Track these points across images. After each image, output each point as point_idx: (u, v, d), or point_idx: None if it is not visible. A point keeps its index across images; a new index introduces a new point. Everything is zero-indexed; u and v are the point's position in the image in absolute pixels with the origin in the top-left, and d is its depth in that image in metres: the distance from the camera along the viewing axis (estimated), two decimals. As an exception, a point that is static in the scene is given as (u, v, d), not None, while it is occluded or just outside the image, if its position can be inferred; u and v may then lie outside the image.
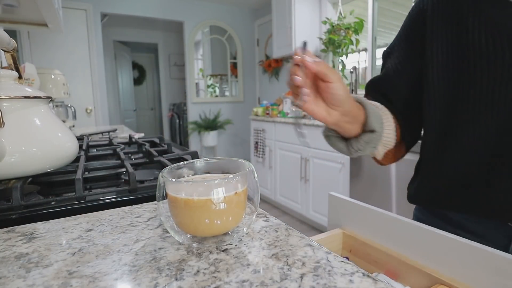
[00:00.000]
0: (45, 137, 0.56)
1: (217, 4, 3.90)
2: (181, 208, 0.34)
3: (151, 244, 0.35)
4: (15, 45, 0.63)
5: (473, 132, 0.49)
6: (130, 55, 5.59)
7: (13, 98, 0.53)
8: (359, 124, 0.50)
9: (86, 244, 0.36)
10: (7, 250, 0.35)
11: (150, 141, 1.00)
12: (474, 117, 0.49)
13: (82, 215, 0.45)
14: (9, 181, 0.55)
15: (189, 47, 3.85)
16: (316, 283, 0.28)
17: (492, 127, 0.47)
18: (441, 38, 0.51)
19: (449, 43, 0.50)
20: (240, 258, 0.32)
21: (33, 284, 0.28)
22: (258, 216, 0.44)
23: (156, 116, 6.41)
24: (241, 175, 0.35)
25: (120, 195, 0.53)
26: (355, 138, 0.52)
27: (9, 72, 0.57)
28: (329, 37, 2.79)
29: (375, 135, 0.51)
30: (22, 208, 0.46)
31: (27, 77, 1.49)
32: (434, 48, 0.52)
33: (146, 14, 3.54)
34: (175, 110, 5.23)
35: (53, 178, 0.62)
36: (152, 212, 0.46)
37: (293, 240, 0.36)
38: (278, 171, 2.94)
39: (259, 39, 4.12)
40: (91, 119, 3.25)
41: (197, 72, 4.07)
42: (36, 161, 0.53)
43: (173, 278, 0.29)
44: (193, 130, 4.03)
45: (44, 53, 2.94)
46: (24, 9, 1.41)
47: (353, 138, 0.52)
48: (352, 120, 0.48)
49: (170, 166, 0.38)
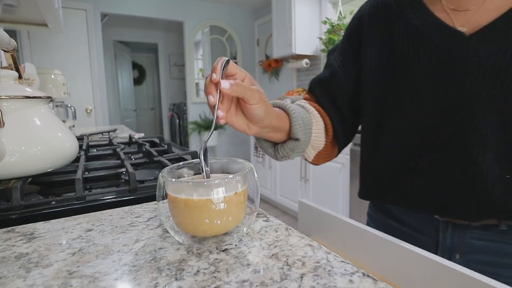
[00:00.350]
0: (45, 137, 0.56)
1: (217, 4, 3.90)
2: (181, 208, 0.34)
3: (151, 244, 0.35)
4: (15, 45, 0.63)
5: (398, 127, 0.53)
6: (130, 55, 5.59)
7: (13, 98, 0.53)
8: (283, 132, 0.52)
9: (86, 244, 0.36)
10: (7, 250, 0.35)
11: (150, 141, 1.00)
12: (399, 114, 0.53)
13: (82, 215, 0.45)
14: (9, 181, 0.55)
15: (189, 47, 3.85)
16: (316, 283, 0.28)
17: (415, 123, 0.51)
18: (373, 42, 0.56)
19: (379, 46, 0.55)
20: (240, 258, 0.32)
21: (33, 284, 0.28)
22: (258, 216, 0.44)
23: (156, 116, 6.41)
24: (241, 175, 0.35)
25: (120, 195, 0.53)
26: (281, 144, 0.54)
27: (9, 72, 0.57)
28: (329, 37, 2.79)
29: (299, 143, 0.53)
30: (22, 208, 0.46)
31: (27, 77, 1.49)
32: (368, 50, 0.57)
33: (146, 14, 3.54)
34: (175, 110, 5.22)
35: (53, 178, 0.62)
36: (152, 212, 0.46)
37: (293, 240, 0.36)
38: (278, 171, 2.94)
39: (259, 39, 4.12)
40: (91, 119, 3.25)
41: (197, 72, 4.07)
42: (36, 161, 0.53)
43: (173, 278, 0.29)
44: (193, 130, 4.03)
45: (44, 53, 2.94)
46: (24, 9, 1.41)
47: (280, 144, 0.54)
48: (274, 131, 0.50)
49: (170, 166, 0.38)
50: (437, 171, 0.50)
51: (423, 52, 0.49)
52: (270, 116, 0.45)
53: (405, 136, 0.53)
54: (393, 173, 0.56)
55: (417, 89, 0.50)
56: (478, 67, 0.44)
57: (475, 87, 0.44)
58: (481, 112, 0.44)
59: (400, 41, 0.52)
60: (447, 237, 0.53)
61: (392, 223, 0.61)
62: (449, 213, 0.51)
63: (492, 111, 0.44)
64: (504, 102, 0.43)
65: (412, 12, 0.51)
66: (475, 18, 0.46)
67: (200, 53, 4.17)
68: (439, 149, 0.49)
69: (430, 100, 0.49)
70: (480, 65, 0.44)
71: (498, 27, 0.43)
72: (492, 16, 0.44)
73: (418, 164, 0.52)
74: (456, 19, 0.47)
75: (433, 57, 0.48)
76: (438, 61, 0.47)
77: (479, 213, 0.49)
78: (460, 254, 0.53)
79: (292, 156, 0.55)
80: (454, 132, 0.47)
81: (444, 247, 0.54)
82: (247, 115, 0.43)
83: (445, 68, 0.47)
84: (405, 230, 0.59)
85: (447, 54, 0.47)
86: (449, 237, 0.53)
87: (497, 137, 0.44)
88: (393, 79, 0.53)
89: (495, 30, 0.43)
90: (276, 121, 0.48)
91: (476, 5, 0.46)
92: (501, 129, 0.44)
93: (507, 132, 0.44)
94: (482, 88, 0.44)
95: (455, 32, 0.46)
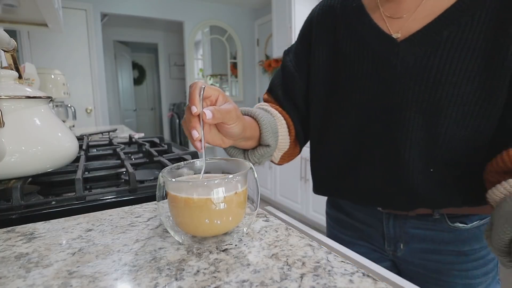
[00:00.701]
0: (45, 137, 0.56)
1: (217, 4, 3.90)
2: (181, 207, 0.34)
3: (151, 244, 0.35)
4: (15, 45, 0.63)
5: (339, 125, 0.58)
6: (130, 55, 5.58)
7: (13, 98, 0.53)
8: (254, 140, 0.54)
9: (86, 244, 0.36)
10: (7, 250, 0.35)
11: (150, 141, 1.00)
12: (340, 113, 0.57)
13: (82, 215, 0.45)
14: (9, 181, 0.55)
15: (189, 47, 3.85)
16: (316, 283, 0.28)
17: (353, 122, 0.55)
18: (321, 44, 0.60)
19: (326, 48, 0.59)
20: (240, 258, 0.32)
21: (33, 284, 0.28)
22: (258, 216, 0.44)
23: (156, 116, 6.41)
24: (241, 175, 0.35)
25: (120, 195, 0.53)
26: (251, 150, 0.56)
27: (9, 72, 0.57)
28: (329, 37, 2.79)
29: (270, 148, 0.55)
30: (22, 208, 0.46)
31: (27, 77, 1.49)
32: (316, 52, 0.60)
33: (146, 14, 3.53)
34: (175, 110, 5.22)
35: (53, 178, 0.62)
36: (152, 212, 0.46)
37: (293, 240, 0.36)
38: (278, 171, 2.93)
39: (259, 39, 4.12)
40: (91, 119, 3.24)
41: (197, 72, 4.07)
42: (36, 161, 0.53)
43: (173, 278, 0.29)
44: (193, 130, 4.02)
45: (44, 53, 2.94)
46: (24, 9, 1.41)
47: (250, 150, 0.56)
48: (246, 140, 0.52)
49: (170, 166, 0.38)
50: (373, 166, 0.54)
51: (362, 56, 0.53)
52: (245, 129, 0.46)
53: (345, 133, 0.57)
54: (337, 169, 0.60)
55: (356, 90, 0.54)
56: (405, 70, 0.48)
57: (403, 89, 0.49)
58: (407, 111, 0.49)
59: (344, 44, 0.56)
60: (390, 227, 0.59)
61: (344, 218, 0.66)
62: (387, 204, 0.56)
63: (417, 110, 0.48)
64: (427, 103, 0.47)
65: (355, 18, 0.55)
66: (407, 25, 0.50)
67: (200, 53, 4.17)
68: (374, 145, 0.53)
69: (366, 101, 0.53)
70: (407, 69, 0.48)
71: (423, 34, 0.47)
72: (421, 24, 0.48)
73: (358, 160, 0.56)
74: (391, 26, 0.51)
75: (370, 61, 0.52)
76: (374, 65, 0.52)
77: (410, 203, 0.53)
78: (403, 243, 0.58)
79: (263, 162, 0.58)
80: (385, 130, 0.51)
81: (389, 238, 0.59)
82: (223, 133, 0.44)
83: (379, 71, 0.51)
84: (355, 224, 0.64)
85: (381, 58, 0.51)
86: (391, 228, 0.58)
87: (421, 134, 0.48)
88: (336, 80, 0.57)
89: (421, 37, 0.48)
90: (249, 131, 0.50)
91: (408, 14, 0.50)
92: (424, 127, 0.48)
93: (429, 129, 0.48)
94: (408, 90, 0.48)
95: (388, 38, 0.50)
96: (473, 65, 0.45)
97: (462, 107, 0.46)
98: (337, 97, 0.57)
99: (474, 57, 0.45)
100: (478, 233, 0.55)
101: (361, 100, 0.53)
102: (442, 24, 0.46)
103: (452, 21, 0.46)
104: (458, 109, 0.46)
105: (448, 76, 0.46)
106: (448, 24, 0.46)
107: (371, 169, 0.55)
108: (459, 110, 0.46)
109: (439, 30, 0.46)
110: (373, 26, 0.53)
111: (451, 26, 0.46)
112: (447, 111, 0.46)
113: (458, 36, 0.45)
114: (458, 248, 0.55)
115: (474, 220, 0.54)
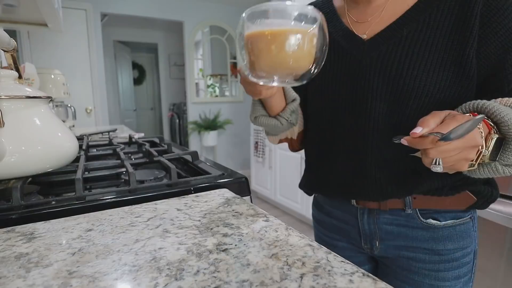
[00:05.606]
0: (45, 137, 0.56)
1: (217, 4, 3.90)
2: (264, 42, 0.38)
3: (151, 244, 0.35)
4: (15, 45, 0.63)
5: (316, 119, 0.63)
6: (130, 55, 5.58)
7: (13, 98, 0.53)
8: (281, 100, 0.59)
9: (86, 244, 0.36)
10: (7, 250, 0.35)
11: (150, 141, 1.00)
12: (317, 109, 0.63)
13: (82, 215, 0.45)
14: (9, 181, 0.55)
15: (189, 47, 3.85)
16: (316, 283, 0.28)
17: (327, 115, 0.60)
18: None
19: None
20: (240, 258, 0.32)
21: (33, 284, 0.28)
22: (258, 216, 0.44)
23: (156, 116, 6.41)
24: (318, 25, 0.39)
25: (120, 195, 0.53)
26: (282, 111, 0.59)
27: (9, 72, 0.57)
28: (329, 37, 2.79)
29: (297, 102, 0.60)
30: (22, 208, 0.46)
31: (27, 77, 1.48)
32: None
33: (146, 14, 3.53)
34: (175, 110, 5.22)
35: (53, 178, 0.62)
36: (152, 212, 0.46)
37: (293, 240, 0.36)
38: (278, 171, 2.93)
39: (259, 39, 4.11)
40: (91, 119, 3.24)
41: (197, 72, 4.07)
42: (36, 161, 0.53)
43: (173, 278, 0.29)
44: (193, 130, 4.03)
45: (44, 53, 2.94)
46: (24, 9, 1.41)
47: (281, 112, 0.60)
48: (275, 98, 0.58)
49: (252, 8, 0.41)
50: (344, 158, 0.59)
51: (333, 54, 0.59)
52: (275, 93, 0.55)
53: (321, 127, 0.62)
54: (315, 163, 0.65)
55: (329, 86, 0.59)
56: (370, 65, 0.54)
57: (369, 82, 0.54)
58: (373, 101, 0.54)
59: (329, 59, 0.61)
60: (364, 223, 0.61)
61: (325, 218, 0.69)
62: (359, 195, 0.59)
63: (381, 100, 0.53)
64: (390, 94, 0.52)
65: (328, 21, 0.60)
66: (372, 28, 0.56)
67: (200, 53, 4.16)
68: (346, 136, 0.58)
69: (338, 95, 0.58)
70: (371, 64, 0.54)
71: (386, 33, 0.53)
72: (384, 25, 0.54)
73: (331, 153, 0.61)
74: (357, 29, 0.58)
75: (341, 59, 0.58)
76: (344, 62, 0.58)
77: (380, 194, 0.56)
78: (378, 240, 0.60)
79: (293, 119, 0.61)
80: (355, 121, 0.56)
81: (365, 235, 0.62)
82: None
83: (349, 67, 0.57)
84: (335, 223, 0.67)
85: (350, 56, 0.57)
86: (366, 224, 0.61)
87: (385, 122, 0.53)
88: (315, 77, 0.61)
89: (384, 35, 0.53)
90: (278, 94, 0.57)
91: (372, 18, 0.56)
92: (388, 115, 0.53)
93: (392, 118, 0.53)
94: (373, 83, 0.53)
95: (356, 37, 0.57)
96: (432, 59, 0.49)
97: (422, 98, 0.50)
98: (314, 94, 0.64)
99: (432, 52, 0.49)
100: (453, 233, 0.56)
101: (333, 96, 0.59)
102: (402, 23, 0.52)
103: (411, 19, 0.51)
104: (420, 100, 0.50)
105: (409, 70, 0.50)
106: (407, 23, 0.52)
107: (343, 158, 0.59)
108: (420, 101, 0.50)
109: (400, 28, 0.52)
110: (343, 28, 0.60)
111: (410, 24, 0.51)
112: (408, 102, 0.51)
113: (417, 33, 0.51)
114: (431, 246, 0.56)
115: (448, 218, 0.56)
